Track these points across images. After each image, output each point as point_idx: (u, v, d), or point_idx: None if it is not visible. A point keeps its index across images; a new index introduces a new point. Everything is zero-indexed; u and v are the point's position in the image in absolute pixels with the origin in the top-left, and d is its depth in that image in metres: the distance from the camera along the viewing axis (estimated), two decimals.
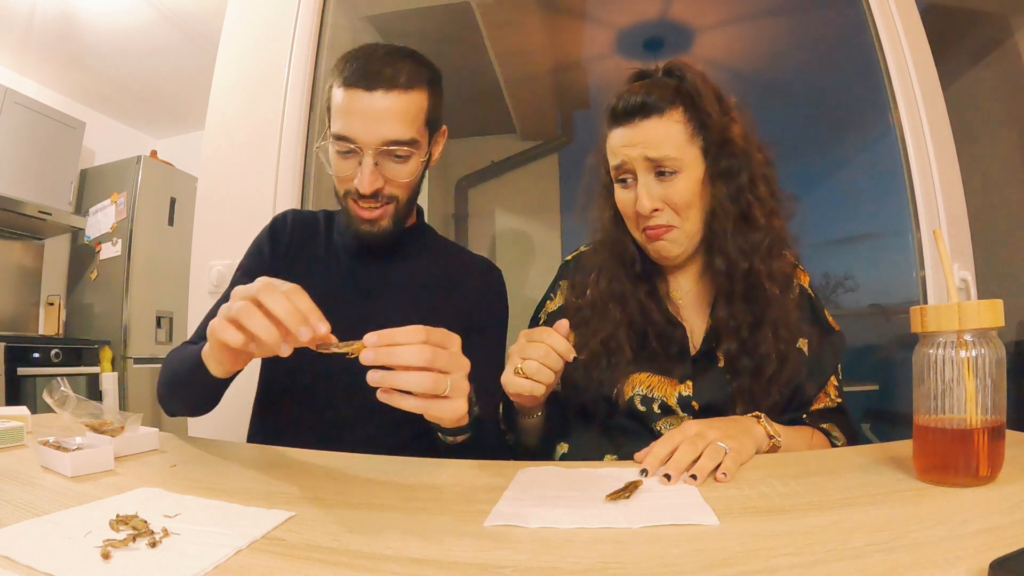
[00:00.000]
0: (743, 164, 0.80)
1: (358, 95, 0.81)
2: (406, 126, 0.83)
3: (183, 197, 3.26)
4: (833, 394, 0.85)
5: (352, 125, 0.81)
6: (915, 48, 1.46)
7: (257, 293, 0.55)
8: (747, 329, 0.79)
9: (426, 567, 0.37)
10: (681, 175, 0.79)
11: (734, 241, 0.79)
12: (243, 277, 0.93)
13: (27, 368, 2.51)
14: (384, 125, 0.81)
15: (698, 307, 0.87)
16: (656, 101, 0.78)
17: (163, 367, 0.85)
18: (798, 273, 0.89)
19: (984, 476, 0.49)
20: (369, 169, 0.82)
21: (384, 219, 0.89)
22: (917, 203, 1.44)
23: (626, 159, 0.80)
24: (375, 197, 0.86)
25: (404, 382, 0.54)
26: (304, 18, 1.67)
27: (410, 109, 0.83)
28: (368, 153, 0.82)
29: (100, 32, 2.73)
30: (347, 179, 0.85)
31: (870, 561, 0.35)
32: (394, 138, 0.82)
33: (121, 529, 0.41)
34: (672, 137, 0.78)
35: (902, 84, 1.46)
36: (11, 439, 0.71)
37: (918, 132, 1.44)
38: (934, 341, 0.51)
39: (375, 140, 0.82)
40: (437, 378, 0.55)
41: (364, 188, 0.83)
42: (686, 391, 0.80)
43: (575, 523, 0.44)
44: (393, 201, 0.88)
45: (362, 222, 0.88)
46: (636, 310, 0.83)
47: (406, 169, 0.86)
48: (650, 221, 0.80)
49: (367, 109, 0.81)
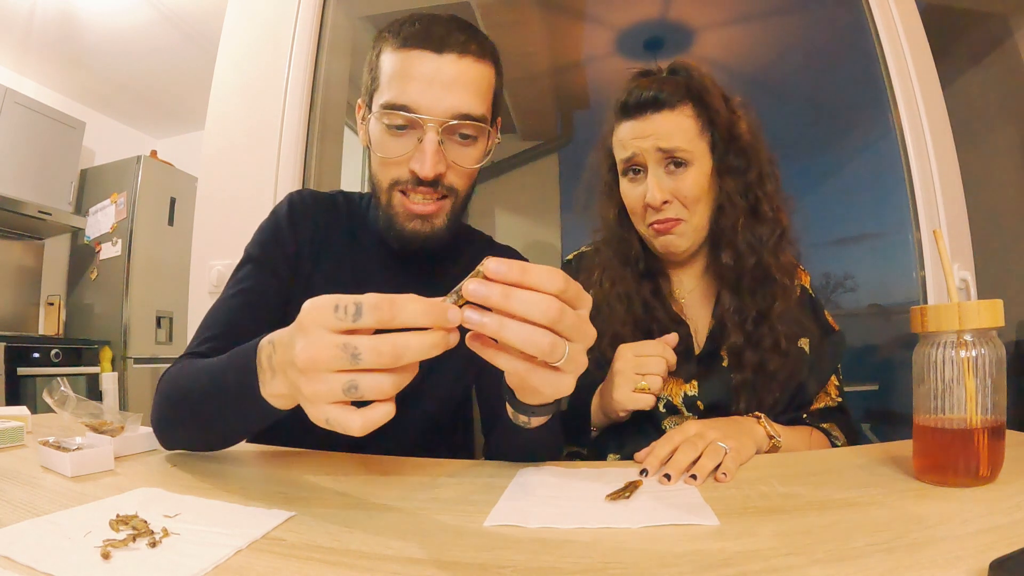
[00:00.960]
0: (751, 160, 0.82)
1: (424, 57, 0.67)
2: (479, 99, 0.70)
3: (183, 197, 3.26)
4: (833, 394, 0.85)
5: (412, 91, 0.67)
6: (915, 48, 1.46)
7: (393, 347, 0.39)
8: (752, 323, 0.80)
9: (426, 567, 0.37)
10: (691, 168, 0.80)
11: (743, 235, 0.81)
12: (256, 272, 0.78)
13: (27, 368, 2.51)
14: (454, 94, 0.68)
15: (701, 306, 0.88)
16: (668, 96, 0.79)
17: (167, 389, 0.64)
18: (799, 273, 0.89)
19: (984, 476, 0.49)
20: (433, 147, 0.68)
21: (439, 216, 0.73)
22: (917, 203, 1.44)
23: (637, 151, 0.80)
24: (434, 186, 0.71)
25: (515, 336, 0.40)
26: (304, 18, 1.67)
27: (483, 81, 0.71)
28: (431, 127, 0.68)
29: (100, 32, 2.73)
30: (398, 162, 0.71)
31: (870, 561, 0.35)
32: (465, 111, 0.68)
33: (121, 529, 0.40)
34: (684, 130, 0.79)
35: (902, 84, 1.46)
36: (11, 439, 0.70)
37: (918, 132, 1.44)
38: (934, 341, 0.51)
39: (442, 111, 0.68)
40: (555, 342, 0.41)
41: (426, 169, 0.68)
42: (692, 391, 0.80)
43: (575, 523, 0.44)
44: (451, 195, 0.73)
45: (412, 218, 0.73)
46: (640, 309, 0.84)
47: (473, 153, 0.72)
48: (659, 215, 0.81)
49: (435, 73, 0.67)
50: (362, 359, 0.39)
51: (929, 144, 1.43)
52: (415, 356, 0.39)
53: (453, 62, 0.68)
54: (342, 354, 0.39)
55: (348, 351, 0.39)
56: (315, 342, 0.40)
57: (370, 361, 0.39)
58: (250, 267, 0.78)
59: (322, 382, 0.40)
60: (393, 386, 0.40)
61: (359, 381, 0.39)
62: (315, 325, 0.40)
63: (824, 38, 2.21)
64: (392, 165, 0.72)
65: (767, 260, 0.80)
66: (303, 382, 0.41)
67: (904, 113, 1.46)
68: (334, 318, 0.39)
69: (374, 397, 0.40)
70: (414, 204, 0.72)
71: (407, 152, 0.70)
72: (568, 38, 2.53)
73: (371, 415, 0.40)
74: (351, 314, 0.39)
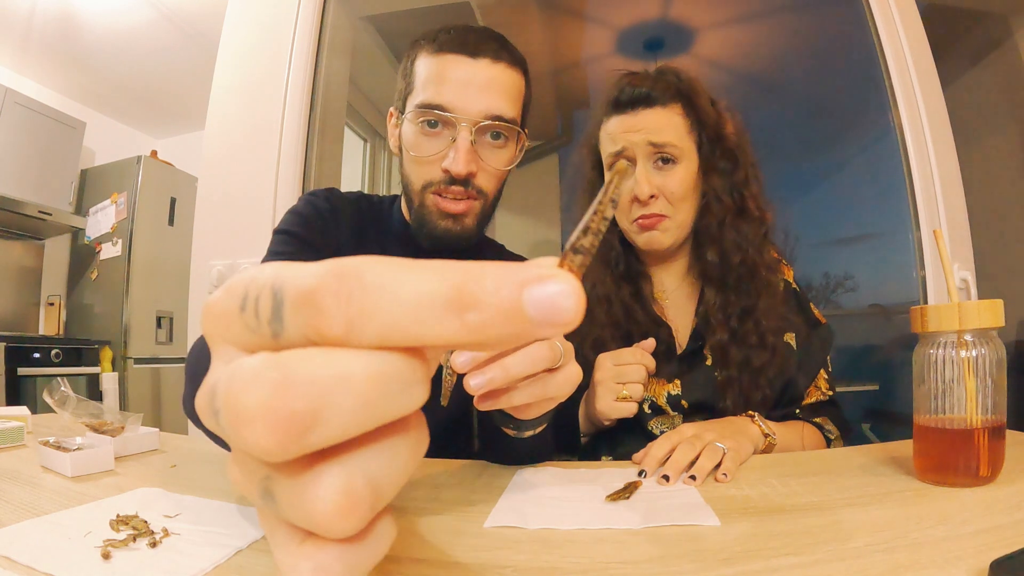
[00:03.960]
0: (737, 161, 0.84)
1: (459, 61, 0.71)
2: (511, 102, 0.73)
3: (183, 197, 3.26)
4: (824, 387, 0.85)
5: (448, 92, 0.71)
6: (915, 48, 1.46)
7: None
8: (736, 319, 0.80)
9: (426, 567, 0.37)
10: (679, 166, 0.81)
11: (729, 233, 0.82)
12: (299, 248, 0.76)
13: (27, 368, 2.51)
14: (488, 96, 0.71)
15: (683, 306, 0.88)
16: (659, 94, 0.81)
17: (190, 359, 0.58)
18: (782, 268, 0.90)
19: (984, 476, 0.49)
20: (466, 145, 0.71)
21: (469, 216, 0.76)
22: (917, 203, 1.44)
23: (627, 144, 0.81)
24: (465, 185, 0.73)
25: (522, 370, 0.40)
26: (304, 18, 1.67)
27: (514, 87, 0.74)
28: (465, 127, 0.71)
29: (100, 32, 2.73)
30: (431, 160, 0.73)
31: (870, 561, 0.35)
32: (498, 113, 0.71)
33: (121, 529, 0.40)
34: (674, 127, 0.81)
35: (902, 84, 1.46)
36: (11, 439, 0.71)
37: (918, 132, 1.44)
38: (934, 341, 0.51)
39: (476, 111, 0.71)
40: (552, 347, 0.41)
41: (459, 166, 0.71)
42: (675, 390, 0.81)
43: (576, 524, 0.44)
44: (481, 197, 0.76)
45: (443, 217, 0.75)
46: (620, 312, 0.84)
47: (504, 155, 0.75)
48: (645, 209, 0.81)
49: (470, 76, 0.71)
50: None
51: (929, 144, 1.43)
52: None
53: (487, 67, 0.71)
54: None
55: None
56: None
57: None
58: (288, 239, 0.76)
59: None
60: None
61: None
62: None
63: (824, 38, 2.21)
64: (425, 165, 0.74)
65: (752, 257, 0.82)
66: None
67: (904, 113, 1.46)
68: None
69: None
70: (447, 202, 0.74)
71: (440, 151, 0.72)
72: (568, 38, 2.53)
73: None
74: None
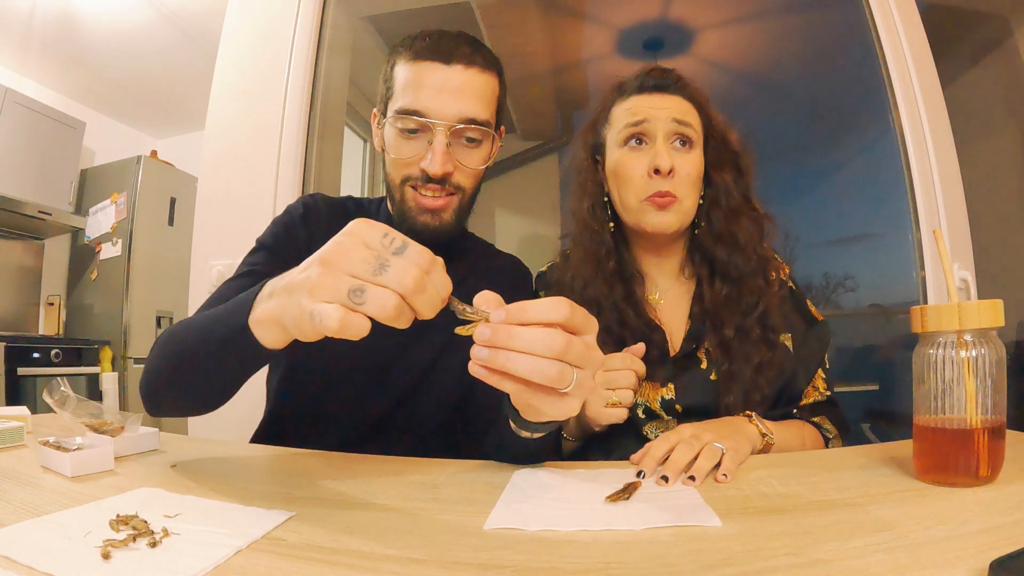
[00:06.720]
0: (741, 165, 0.87)
1: (434, 67, 0.75)
2: (484, 105, 0.77)
3: (183, 197, 3.26)
4: (822, 387, 0.85)
5: (424, 98, 0.74)
6: (915, 48, 1.46)
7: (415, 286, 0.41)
8: (740, 315, 0.81)
9: (426, 567, 0.37)
10: (694, 151, 0.84)
11: (736, 227, 0.84)
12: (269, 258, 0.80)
13: (27, 368, 2.51)
14: (462, 101, 0.75)
15: (677, 308, 0.88)
16: (683, 86, 0.85)
17: (160, 348, 0.63)
18: (778, 266, 0.90)
19: (984, 476, 0.49)
20: (442, 148, 0.75)
21: (447, 211, 0.80)
22: (917, 203, 1.44)
23: (650, 117, 0.82)
24: (442, 183, 0.77)
25: (522, 368, 0.41)
26: (304, 18, 1.67)
27: (487, 89, 0.78)
28: (440, 131, 0.75)
29: (100, 32, 2.73)
30: (410, 162, 0.77)
31: (870, 561, 0.35)
32: (471, 116, 0.76)
33: (121, 529, 0.41)
34: (695, 115, 0.84)
35: (902, 84, 1.46)
36: (11, 439, 0.70)
37: (918, 132, 1.44)
38: (934, 341, 0.51)
39: (451, 115, 0.75)
40: (563, 370, 0.42)
41: (436, 167, 0.75)
42: (668, 394, 0.80)
43: (576, 525, 0.44)
44: (459, 193, 0.80)
45: (423, 212, 0.79)
46: (613, 317, 0.83)
47: (478, 155, 0.79)
48: (662, 185, 0.81)
49: (444, 82, 0.75)
50: (388, 272, 0.41)
51: (929, 144, 1.43)
52: (432, 296, 0.42)
53: (460, 72, 0.75)
54: (371, 261, 0.41)
55: (379, 260, 0.41)
56: (350, 243, 0.42)
57: (393, 278, 0.40)
58: (263, 253, 0.82)
59: (335, 277, 0.41)
60: (396, 311, 0.40)
61: (368, 290, 0.40)
62: (357, 234, 0.43)
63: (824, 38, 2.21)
64: (405, 165, 0.78)
65: (751, 256, 0.83)
66: (318, 272, 0.42)
67: (904, 113, 1.46)
68: (378, 240, 0.42)
69: (373, 311, 0.40)
70: (425, 198, 0.78)
71: (419, 153, 0.77)
72: (568, 38, 2.53)
73: (353, 319, 0.41)
74: (394, 247, 0.42)
